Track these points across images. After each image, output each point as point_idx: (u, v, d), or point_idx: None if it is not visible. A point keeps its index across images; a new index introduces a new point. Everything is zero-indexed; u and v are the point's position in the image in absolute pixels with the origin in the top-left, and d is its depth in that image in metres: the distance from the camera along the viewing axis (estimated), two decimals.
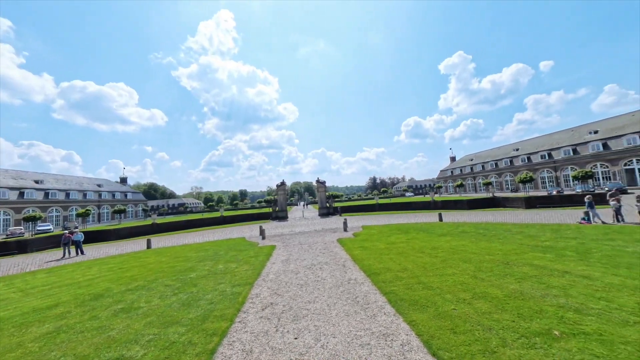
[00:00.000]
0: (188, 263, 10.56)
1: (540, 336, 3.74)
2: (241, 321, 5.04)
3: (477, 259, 7.96)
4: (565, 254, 7.71)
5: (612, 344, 3.44)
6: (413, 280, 6.47)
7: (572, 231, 11.09)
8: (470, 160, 74.40)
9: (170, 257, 12.50)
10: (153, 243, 18.56)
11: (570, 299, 4.83)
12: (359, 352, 3.78)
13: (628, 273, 5.88)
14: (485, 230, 12.77)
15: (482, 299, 5.09)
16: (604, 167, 39.87)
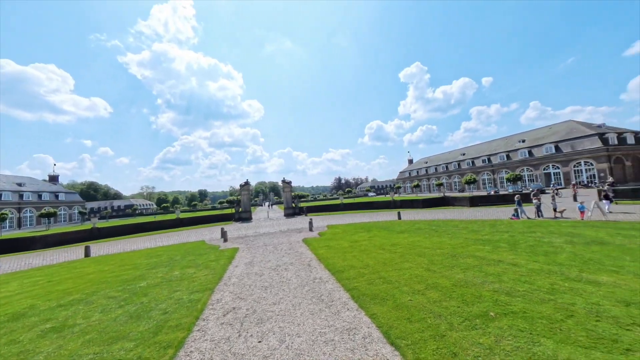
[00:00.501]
0: (137, 271, 9.54)
1: (480, 318, 4.28)
2: (200, 329, 4.74)
3: (430, 253, 8.73)
4: (499, 246, 8.92)
5: (532, 320, 4.10)
6: (374, 276, 6.82)
7: (505, 226, 12.86)
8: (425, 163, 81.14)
9: (115, 265, 11.14)
10: (93, 250, 16.30)
11: (503, 284, 5.61)
12: (323, 348, 3.86)
13: (545, 259, 7.05)
14: (437, 227, 14.06)
15: (434, 289, 5.62)
16: (529, 171, 47.12)
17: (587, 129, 41.52)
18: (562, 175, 41.75)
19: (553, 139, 44.52)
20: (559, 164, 42.23)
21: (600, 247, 7.74)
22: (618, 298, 4.57)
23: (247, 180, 32.96)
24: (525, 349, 3.41)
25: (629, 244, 7.88)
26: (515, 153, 50.38)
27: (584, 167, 39.17)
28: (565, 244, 8.50)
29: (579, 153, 39.34)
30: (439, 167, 71.54)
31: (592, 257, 6.93)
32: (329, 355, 3.70)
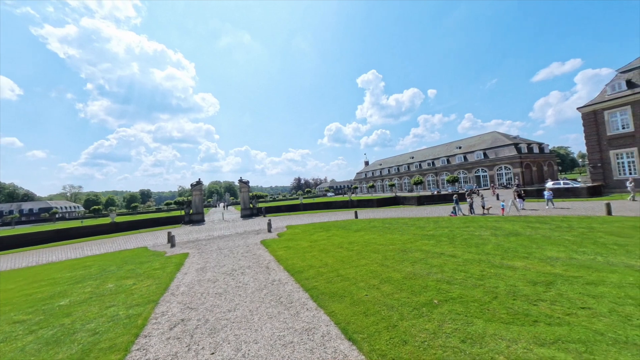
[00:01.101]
0: (56, 287, 7.98)
1: (426, 306, 4.73)
2: (141, 348, 4.19)
3: (383, 249, 9.32)
4: (441, 240, 10.02)
5: (467, 303, 4.70)
6: (333, 274, 6.98)
7: (446, 222, 14.53)
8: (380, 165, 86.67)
9: (24, 282, 9.14)
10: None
11: (444, 273, 6.31)
12: (282, 352, 3.78)
13: (476, 250, 8.17)
14: (389, 225, 15.11)
15: (387, 283, 6.01)
16: (464, 174, 54.23)
17: (506, 139, 49.69)
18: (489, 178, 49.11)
19: (482, 147, 52.08)
20: (486, 168, 49.56)
21: (515, 238, 9.31)
22: (528, 279, 5.55)
23: (200, 180, 30.51)
24: (462, 329, 3.89)
25: (535, 234, 9.66)
26: (453, 158, 57.38)
27: (504, 171, 46.78)
28: (491, 236, 9.99)
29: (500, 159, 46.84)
30: (391, 169, 77.11)
31: (510, 246, 8.29)
32: (288, 358, 3.64)
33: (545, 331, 3.68)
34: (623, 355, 3.09)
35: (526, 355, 3.23)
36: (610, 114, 24.34)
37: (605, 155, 24.69)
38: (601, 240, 8.03)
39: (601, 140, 24.90)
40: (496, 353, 3.30)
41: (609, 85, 24.89)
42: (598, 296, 4.55)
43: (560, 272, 5.77)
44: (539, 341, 3.47)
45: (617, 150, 24.01)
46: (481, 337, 3.67)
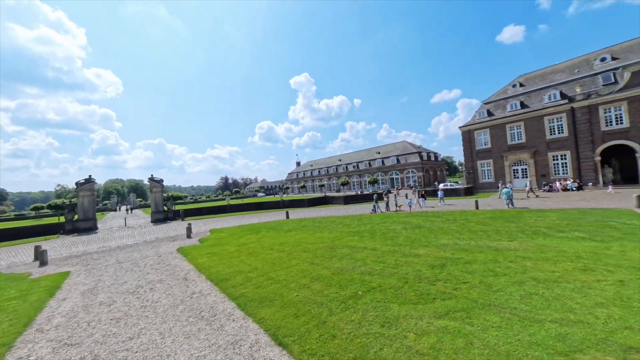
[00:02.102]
0: None
1: (352, 298, 5.07)
2: None
3: (313, 247, 9.58)
4: (364, 235, 11.07)
5: (385, 291, 5.30)
6: (263, 278, 6.68)
7: (367, 219, 16.19)
8: (311, 166, 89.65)
9: None
10: None
11: (367, 266, 6.96)
12: None
13: (391, 242, 9.39)
14: (319, 223, 15.72)
15: (317, 281, 6.17)
16: (382, 176, 62.26)
17: (413, 148, 59.77)
18: (400, 180, 57.90)
19: (395, 153, 61.00)
20: (398, 171, 58.25)
21: (420, 230, 11.20)
22: (429, 264, 6.73)
23: (91, 177, 24.13)
24: (381, 315, 4.33)
25: (433, 226, 11.87)
26: (374, 162, 64.98)
27: (411, 174, 56.13)
28: (402, 229, 11.70)
29: (409, 165, 56.00)
30: (321, 170, 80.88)
31: (416, 237, 9.91)
32: None
33: (441, 305, 4.50)
34: (487, 313, 4.09)
35: (428, 328, 3.86)
36: (477, 133, 32.52)
37: (475, 164, 32.87)
38: (473, 229, 10.56)
39: (472, 152, 33.00)
40: (407, 331, 3.82)
41: (477, 112, 33.23)
42: (472, 272, 5.92)
43: (449, 256, 7.24)
44: (436, 315, 4.21)
45: (481, 160, 32.30)
46: (396, 319, 4.18)
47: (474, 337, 3.55)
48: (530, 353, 3.15)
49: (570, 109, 25.47)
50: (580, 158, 25.03)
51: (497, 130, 30.62)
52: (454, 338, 3.56)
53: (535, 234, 8.83)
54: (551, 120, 26.83)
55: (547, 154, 27.15)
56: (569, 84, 27.36)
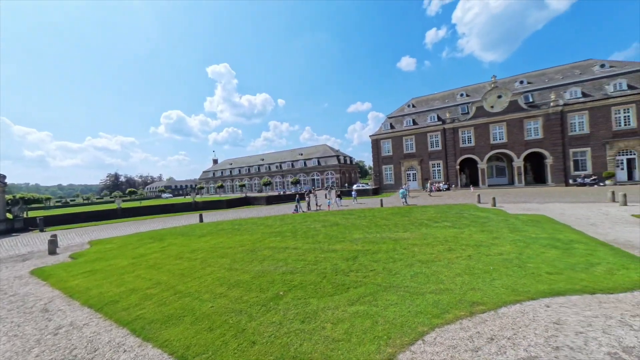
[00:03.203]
0: None
1: (273, 300, 5.01)
2: None
3: (232, 252, 8.94)
4: (286, 235, 11.15)
5: (306, 287, 5.50)
6: (168, 293, 5.73)
7: (289, 219, 16.41)
8: (230, 165, 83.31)
9: None
10: None
11: (289, 265, 7.04)
12: None
13: (312, 240, 9.84)
14: (239, 226, 14.80)
15: (236, 287, 5.78)
16: (304, 176, 64.54)
17: (332, 151, 64.75)
18: (321, 181, 61.55)
19: (316, 155, 64.50)
20: (319, 172, 61.80)
21: (337, 227, 12.20)
22: (344, 257, 7.42)
23: None
24: (301, 312, 4.47)
25: (347, 223, 13.17)
26: (296, 162, 66.56)
27: (330, 176, 60.62)
28: (322, 227, 12.45)
29: (328, 167, 60.33)
30: (242, 169, 76.45)
31: (334, 234, 10.74)
32: None
33: (353, 293, 5.04)
34: (388, 294, 4.87)
35: (343, 315, 4.25)
36: (383, 142, 38.31)
37: (381, 168, 38.59)
38: (379, 223, 12.34)
39: (379, 158, 38.62)
40: (325, 322, 4.09)
41: (383, 124, 39.13)
42: (378, 260, 6.92)
43: (360, 249, 8.20)
44: (350, 302, 4.69)
45: (385, 165, 38.20)
46: (315, 313, 4.41)
47: (379, 316, 4.15)
48: (416, 320, 3.95)
49: (442, 129, 33.56)
50: (448, 166, 33.35)
51: (397, 141, 37.04)
52: (363, 320, 4.05)
53: (420, 225, 11.14)
54: (432, 136, 34.60)
55: (429, 162, 34.84)
56: (442, 110, 35.99)
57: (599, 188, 22.44)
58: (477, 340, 3.41)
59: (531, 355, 3.08)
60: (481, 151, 31.46)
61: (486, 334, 3.52)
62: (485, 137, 31.20)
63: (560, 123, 27.25)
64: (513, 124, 29.59)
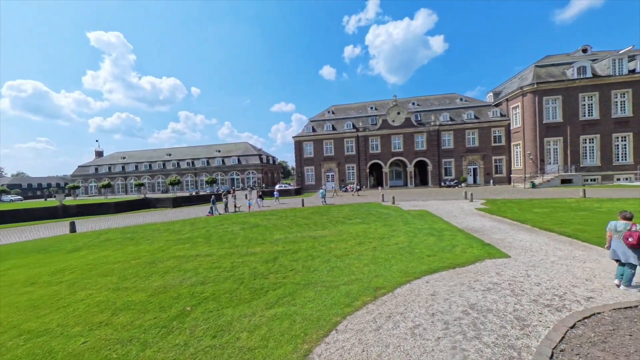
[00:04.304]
0: None
1: (178, 318, 4.30)
2: None
3: (121, 267, 7.21)
4: (197, 241, 9.89)
5: (219, 297, 4.99)
6: (6, 337, 4.04)
7: (202, 222, 14.67)
8: (123, 159, 67.31)
9: None
10: None
11: (199, 275, 6.24)
12: None
13: (229, 244, 9.09)
14: (133, 234, 12.12)
15: (125, 310, 4.66)
16: (222, 175, 59.21)
17: (254, 150, 62.16)
18: (241, 180, 57.98)
19: (237, 154, 60.42)
20: (239, 172, 58.09)
21: (257, 228, 11.74)
22: (264, 259, 7.19)
23: None
24: (213, 326, 4.02)
25: (269, 224, 12.89)
26: (213, 160, 60.32)
27: (251, 175, 57.97)
28: (240, 230, 11.71)
29: (250, 166, 57.55)
30: (140, 165, 63.16)
31: (253, 236, 10.28)
32: None
33: (272, 296, 4.94)
34: (306, 291, 5.01)
35: (260, 321, 4.08)
36: (305, 144, 39.70)
37: (303, 169, 39.82)
38: (300, 223, 12.65)
39: (301, 159, 39.77)
40: (241, 332, 3.81)
41: (305, 127, 40.56)
42: (297, 259, 7.05)
43: (280, 249, 8.16)
44: (268, 306, 4.56)
45: (307, 166, 39.68)
46: (230, 324, 4.05)
47: (297, 314, 4.20)
48: (331, 312, 4.21)
49: (357, 136, 37.77)
50: (360, 169, 37.77)
51: (318, 144, 39.15)
52: (281, 322, 4.01)
53: (337, 223, 12.10)
54: (348, 142, 38.35)
55: (345, 165, 38.47)
56: (357, 119, 40.47)
57: (458, 189, 30.35)
58: (378, 320, 3.94)
59: (416, 324, 3.80)
60: (385, 157, 37.19)
61: (385, 313, 4.12)
62: (388, 145, 37.07)
63: (437, 139, 35.44)
64: (407, 137, 36.40)
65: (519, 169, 31.42)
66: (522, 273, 5.41)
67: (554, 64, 29.76)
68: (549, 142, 28.26)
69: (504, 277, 5.23)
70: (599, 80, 26.84)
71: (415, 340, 3.44)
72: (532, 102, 28.55)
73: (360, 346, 3.38)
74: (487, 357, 3.05)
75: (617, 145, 26.86)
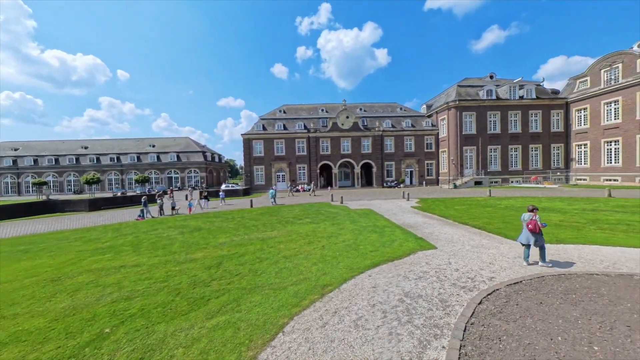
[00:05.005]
0: None
1: (91, 344, 3.60)
2: None
3: (6, 289, 5.66)
4: (122, 250, 8.49)
5: (149, 313, 4.38)
6: None
7: (130, 227, 12.67)
8: (14, 151, 52.93)
9: None
10: None
11: (123, 290, 5.35)
12: None
13: (163, 252, 8.07)
14: (30, 246, 9.68)
15: (13, 344, 3.67)
16: (157, 174, 52.17)
17: (197, 146, 56.72)
18: (180, 179, 52.17)
19: (176, 149, 54.17)
20: (179, 170, 52.19)
21: (199, 232, 10.74)
22: (206, 266, 6.61)
23: None
24: (140, 347, 3.49)
25: (212, 227, 11.94)
26: (145, 156, 52.69)
27: (193, 174, 52.73)
28: (178, 234, 10.53)
29: (191, 164, 52.28)
30: (42, 159, 50.80)
31: (194, 240, 9.37)
32: None
33: (214, 304, 4.58)
34: (253, 296, 4.81)
35: (200, 333, 3.74)
36: (255, 142, 38.23)
37: (252, 168, 38.24)
38: (247, 224, 12.09)
39: (251, 158, 38.14)
40: (176, 348, 3.42)
41: (255, 124, 39.06)
42: (244, 263, 6.72)
43: (225, 253, 7.64)
44: (209, 315, 4.21)
45: (256, 166, 38.26)
46: (162, 341, 3.59)
47: (241, 321, 3.99)
48: (278, 314, 4.14)
49: (308, 137, 38.21)
50: (311, 170, 38.34)
51: (269, 143, 38.15)
52: (224, 331, 3.75)
53: (287, 223, 12.00)
54: (299, 142, 38.46)
55: (296, 165, 38.48)
56: (308, 120, 40.94)
57: (398, 189, 33.61)
58: (325, 317, 4.05)
59: (359, 316, 4.04)
60: (335, 159, 38.63)
61: (332, 309, 4.27)
62: (337, 147, 38.60)
63: (381, 143, 38.57)
64: (355, 140, 38.58)
65: (445, 172, 36.66)
66: (445, 261, 6.31)
67: (471, 85, 35.79)
68: (467, 150, 33.79)
69: (432, 266, 6.02)
70: (501, 102, 33.42)
71: (358, 331, 3.65)
72: (455, 116, 33.69)
73: (306, 345, 3.41)
74: (417, 337, 3.45)
75: (511, 155, 33.88)
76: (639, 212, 11.44)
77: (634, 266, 5.57)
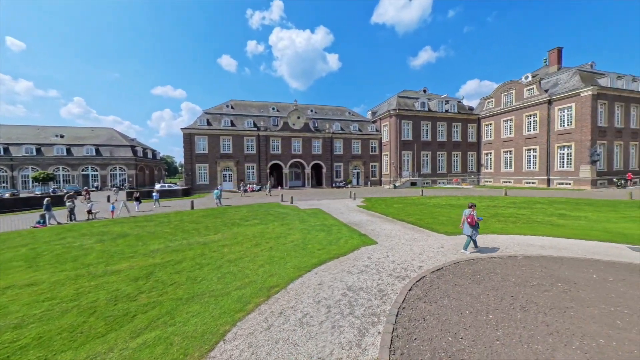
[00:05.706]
0: None
1: None
2: None
3: None
4: (11, 266, 6.70)
5: (51, 340, 3.56)
6: None
7: (24, 237, 10.08)
8: None
9: None
10: None
11: (10, 316, 4.23)
12: None
13: (73, 265, 6.67)
14: None
15: None
16: (66, 171, 42.67)
17: (124, 140, 48.63)
18: (100, 178, 43.89)
19: (95, 142, 45.36)
20: (98, 166, 43.83)
21: (123, 239, 9.24)
22: (132, 277, 5.74)
23: None
24: None
25: (142, 232, 10.43)
26: (50, 148, 42.59)
27: (118, 171, 45.00)
28: (96, 243, 8.87)
29: (116, 159, 44.54)
30: None
31: (117, 249, 8.02)
32: None
33: (142, 320, 4.01)
34: (190, 306, 4.40)
35: (122, 355, 3.23)
36: (198, 138, 34.97)
37: (194, 166, 34.85)
38: (186, 228, 10.97)
39: (192, 155, 34.72)
40: None
41: (198, 119, 35.74)
42: (180, 271, 6.08)
43: (158, 262, 6.78)
44: (134, 334, 3.67)
45: (199, 164, 35.04)
46: None
47: (175, 335, 3.61)
48: (219, 322, 3.89)
49: (257, 135, 36.88)
50: (261, 169, 37.12)
51: (214, 139, 35.36)
52: (152, 349, 3.32)
53: (233, 225, 11.34)
54: (248, 140, 36.78)
55: (245, 164, 36.70)
56: (258, 117, 39.52)
57: (345, 189, 35.33)
58: (270, 319, 3.98)
59: (305, 313, 4.11)
60: (285, 159, 38.27)
61: (277, 310, 4.22)
62: (288, 147, 38.34)
63: (330, 145, 39.93)
64: (306, 141, 38.98)
65: (386, 173, 40.20)
66: (384, 255, 6.93)
67: (409, 97, 40.20)
68: (405, 155, 37.79)
69: (372, 260, 6.53)
70: (431, 114, 38.49)
71: (303, 328, 3.71)
72: (395, 123, 37.29)
73: (249, 350, 3.30)
74: (357, 327, 3.70)
75: (439, 159, 39.37)
76: (525, 207, 14.68)
77: (519, 249, 7.13)
